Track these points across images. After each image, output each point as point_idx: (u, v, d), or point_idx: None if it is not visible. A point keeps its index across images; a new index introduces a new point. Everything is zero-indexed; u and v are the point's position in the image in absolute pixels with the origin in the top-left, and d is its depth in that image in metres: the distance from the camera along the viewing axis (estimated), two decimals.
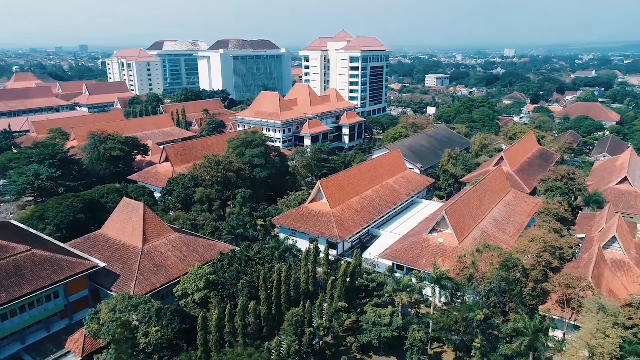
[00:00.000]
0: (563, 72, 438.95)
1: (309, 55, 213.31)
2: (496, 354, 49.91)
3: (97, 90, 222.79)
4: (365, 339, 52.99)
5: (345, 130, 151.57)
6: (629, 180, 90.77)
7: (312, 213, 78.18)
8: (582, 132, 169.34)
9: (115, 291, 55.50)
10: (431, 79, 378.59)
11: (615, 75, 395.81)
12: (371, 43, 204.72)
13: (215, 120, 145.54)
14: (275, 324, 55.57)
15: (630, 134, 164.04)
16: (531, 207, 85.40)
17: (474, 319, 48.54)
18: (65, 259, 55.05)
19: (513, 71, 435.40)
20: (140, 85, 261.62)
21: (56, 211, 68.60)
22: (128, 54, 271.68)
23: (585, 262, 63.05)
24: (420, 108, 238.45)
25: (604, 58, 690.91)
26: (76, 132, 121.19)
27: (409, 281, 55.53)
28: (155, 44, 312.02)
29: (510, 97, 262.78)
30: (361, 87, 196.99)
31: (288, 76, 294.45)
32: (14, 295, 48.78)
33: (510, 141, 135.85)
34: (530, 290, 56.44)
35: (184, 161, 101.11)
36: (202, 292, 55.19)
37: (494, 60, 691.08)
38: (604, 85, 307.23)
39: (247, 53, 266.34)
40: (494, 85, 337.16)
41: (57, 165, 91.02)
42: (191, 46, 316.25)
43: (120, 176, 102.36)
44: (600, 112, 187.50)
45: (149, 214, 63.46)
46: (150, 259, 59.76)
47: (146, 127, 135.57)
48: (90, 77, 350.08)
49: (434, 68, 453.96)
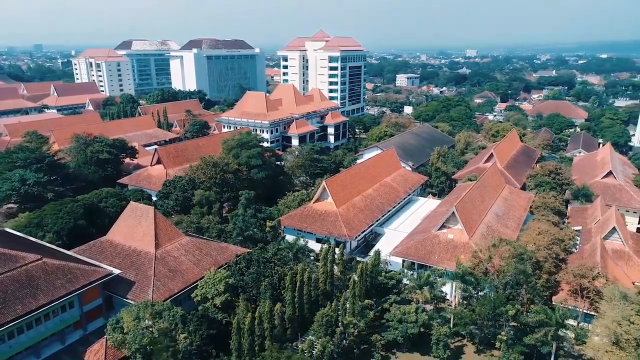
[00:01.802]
0: (525, 72, 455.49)
1: (287, 55, 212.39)
2: (519, 344, 51.31)
3: (66, 91, 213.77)
4: (390, 336, 53.39)
5: (331, 129, 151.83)
6: (614, 174, 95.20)
7: (317, 213, 77.97)
8: (554, 129, 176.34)
9: (131, 299, 53.52)
10: (402, 78, 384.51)
11: (574, 74, 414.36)
12: (349, 43, 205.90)
13: (198, 121, 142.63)
14: (298, 325, 55.23)
15: (599, 130, 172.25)
16: (525, 202, 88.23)
17: (505, 313, 49.65)
18: (78, 267, 52.64)
19: (478, 70, 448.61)
20: (110, 85, 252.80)
21: (55, 217, 65.47)
22: (96, 54, 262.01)
23: (588, 253, 65.75)
24: (397, 107, 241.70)
25: (559, 58, 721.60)
26: (56, 135, 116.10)
27: (429, 277, 56.24)
28: (123, 43, 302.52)
29: (480, 95, 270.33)
30: (340, 87, 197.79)
31: (262, 76, 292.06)
32: (29, 307, 46.20)
33: (492, 139, 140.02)
34: (544, 281, 58.36)
35: (176, 163, 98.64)
36: (223, 295, 54.09)
37: (457, 60, 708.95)
38: (566, 84, 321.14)
39: (220, 53, 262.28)
40: (463, 85, 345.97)
41: (44, 169, 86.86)
42: (161, 46, 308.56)
43: (109, 180, 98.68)
44: (570, 109, 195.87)
45: (159, 217, 61.58)
46: (165, 264, 57.98)
47: (128, 129, 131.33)
48: (52, 77, 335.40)
49: (403, 68, 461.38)
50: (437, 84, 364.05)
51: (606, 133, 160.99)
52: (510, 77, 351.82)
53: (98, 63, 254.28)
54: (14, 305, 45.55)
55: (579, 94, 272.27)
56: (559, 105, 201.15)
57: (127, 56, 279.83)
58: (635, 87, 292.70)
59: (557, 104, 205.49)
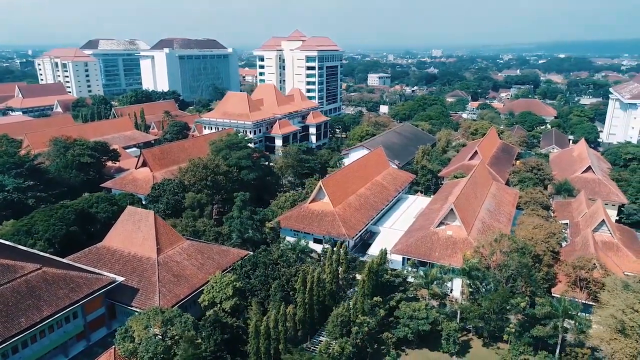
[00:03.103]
0: (490, 71, 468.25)
1: (264, 54, 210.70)
2: (526, 336, 52.70)
3: (32, 92, 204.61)
4: (401, 333, 53.79)
5: (312, 129, 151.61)
6: (593, 169, 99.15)
7: (314, 213, 77.68)
8: (526, 126, 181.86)
9: (137, 306, 51.89)
10: (373, 78, 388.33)
11: (537, 74, 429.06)
12: (325, 43, 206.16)
13: (178, 122, 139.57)
14: (308, 326, 54.90)
15: (568, 127, 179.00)
16: (512, 197, 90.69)
17: (516, 306, 50.85)
18: (80, 275, 50.65)
19: (447, 70, 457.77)
20: (78, 86, 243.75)
21: (47, 224, 62.61)
22: (62, 54, 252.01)
23: (580, 245, 68.13)
24: (373, 107, 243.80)
25: (521, 58, 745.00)
26: (30, 139, 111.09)
27: (436, 274, 56.99)
28: (89, 42, 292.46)
29: (452, 94, 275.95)
30: (318, 87, 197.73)
31: (235, 76, 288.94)
32: (34, 319, 44.17)
33: (472, 136, 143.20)
34: (543, 274, 60.15)
35: (162, 165, 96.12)
36: (232, 299, 53.13)
37: (424, 60, 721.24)
38: (532, 83, 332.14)
39: (193, 52, 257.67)
40: (433, 84, 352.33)
41: (24, 175, 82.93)
42: (129, 45, 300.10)
43: (92, 184, 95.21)
44: (540, 107, 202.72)
45: (159, 222, 59.92)
46: (168, 269, 56.49)
47: (105, 131, 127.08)
48: (12, 78, 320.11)
49: (374, 68, 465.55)
50: (408, 83, 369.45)
51: (576, 130, 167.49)
52: (479, 76, 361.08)
53: (64, 63, 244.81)
54: (17, 318, 43.48)
55: (545, 92, 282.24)
56: (530, 103, 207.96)
57: (94, 56, 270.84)
58: (596, 86, 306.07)
59: (528, 102, 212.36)
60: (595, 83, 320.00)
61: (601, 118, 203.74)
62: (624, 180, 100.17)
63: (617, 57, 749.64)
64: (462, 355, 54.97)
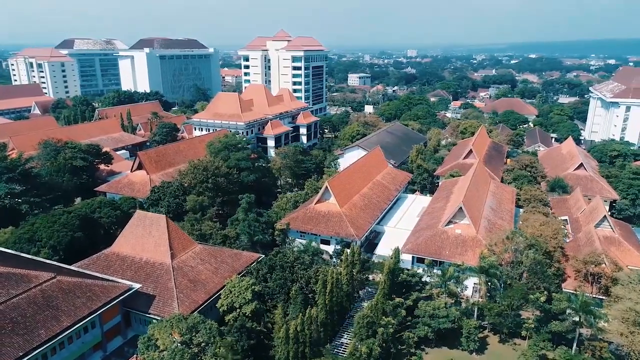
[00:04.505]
0: (466, 71, 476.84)
1: (249, 54, 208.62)
2: (544, 332, 53.59)
3: (6, 93, 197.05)
4: (422, 332, 53.94)
5: (303, 130, 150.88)
6: (584, 166, 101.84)
7: (321, 214, 77.23)
8: (509, 125, 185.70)
9: (155, 314, 50.40)
10: (353, 78, 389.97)
11: (512, 73, 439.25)
12: (310, 42, 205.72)
13: (167, 124, 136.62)
14: (329, 328, 54.48)
15: (550, 126, 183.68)
16: (511, 195, 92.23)
17: (536, 301, 51.60)
18: (95, 283, 48.85)
19: (424, 70, 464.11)
20: (55, 87, 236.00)
21: (50, 231, 60.17)
22: (37, 54, 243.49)
23: (584, 241, 69.82)
24: (358, 107, 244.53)
25: (493, 58, 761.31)
26: (15, 142, 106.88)
27: (454, 272, 57.38)
28: (64, 42, 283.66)
29: (434, 94, 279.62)
30: (304, 87, 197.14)
31: (217, 76, 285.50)
32: (54, 331, 42.32)
33: (461, 135, 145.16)
34: (554, 270, 61.33)
35: (159, 168, 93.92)
36: (252, 304, 52.17)
37: (400, 60, 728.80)
38: (509, 82, 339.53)
39: (174, 52, 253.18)
40: (413, 84, 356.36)
41: (16, 179, 79.58)
42: (106, 45, 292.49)
43: (85, 188, 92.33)
44: (522, 106, 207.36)
45: (172, 226, 58.37)
46: (183, 274, 55.09)
47: (93, 134, 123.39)
48: None
49: (353, 68, 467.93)
50: (388, 83, 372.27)
51: (558, 128, 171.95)
52: (458, 76, 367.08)
53: (40, 63, 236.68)
54: (37, 329, 41.60)
55: (522, 92, 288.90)
56: (512, 102, 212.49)
57: (70, 56, 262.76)
58: (570, 85, 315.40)
59: (510, 101, 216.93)
60: (569, 82, 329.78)
61: (580, 116, 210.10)
62: (613, 177, 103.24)
63: (584, 57, 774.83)
64: (481, 352, 55.55)
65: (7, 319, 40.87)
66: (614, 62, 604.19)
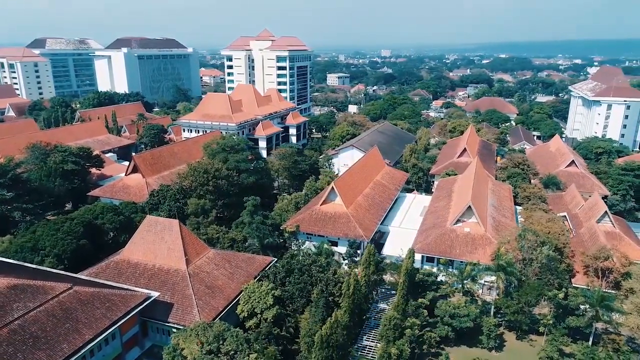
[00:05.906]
0: (441, 71, 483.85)
1: (232, 54, 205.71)
2: (561, 327, 54.40)
3: None
4: (442, 332, 53.96)
5: (293, 130, 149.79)
6: (576, 163, 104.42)
7: (327, 215, 76.49)
8: (492, 123, 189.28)
9: (175, 322, 48.77)
10: (332, 78, 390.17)
11: (486, 73, 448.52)
12: (295, 42, 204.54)
13: (155, 126, 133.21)
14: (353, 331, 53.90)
15: (531, 124, 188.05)
16: (508, 193, 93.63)
17: (554, 297, 52.29)
18: (113, 292, 46.82)
19: (401, 69, 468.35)
20: (28, 88, 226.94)
21: (54, 239, 57.45)
22: (8, 53, 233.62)
23: (588, 237, 71.39)
24: (341, 107, 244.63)
25: (465, 58, 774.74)
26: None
27: (471, 271, 57.67)
28: (35, 41, 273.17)
29: (414, 94, 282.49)
30: (289, 87, 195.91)
31: (196, 76, 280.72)
32: (76, 344, 40.24)
33: (450, 134, 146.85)
34: (565, 265, 62.44)
35: (154, 171, 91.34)
36: (273, 309, 51.13)
37: (375, 60, 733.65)
38: (485, 82, 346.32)
39: (152, 52, 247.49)
40: (392, 84, 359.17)
41: (7, 185, 75.91)
42: (80, 45, 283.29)
43: (77, 193, 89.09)
44: (503, 105, 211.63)
45: (185, 231, 56.61)
46: (200, 280, 53.49)
47: (79, 136, 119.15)
48: None
49: (331, 68, 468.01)
50: (367, 83, 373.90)
51: (540, 126, 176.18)
52: (435, 75, 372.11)
53: (11, 63, 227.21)
54: (59, 344, 39.54)
55: (500, 91, 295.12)
56: (494, 101, 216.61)
57: (42, 56, 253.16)
58: (545, 85, 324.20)
59: (492, 100, 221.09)
60: (543, 82, 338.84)
61: (558, 115, 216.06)
62: (602, 173, 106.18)
63: (552, 57, 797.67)
64: (500, 350, 55.98)
65: (27, 334, 38.66)
66: (580, 62, 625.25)
